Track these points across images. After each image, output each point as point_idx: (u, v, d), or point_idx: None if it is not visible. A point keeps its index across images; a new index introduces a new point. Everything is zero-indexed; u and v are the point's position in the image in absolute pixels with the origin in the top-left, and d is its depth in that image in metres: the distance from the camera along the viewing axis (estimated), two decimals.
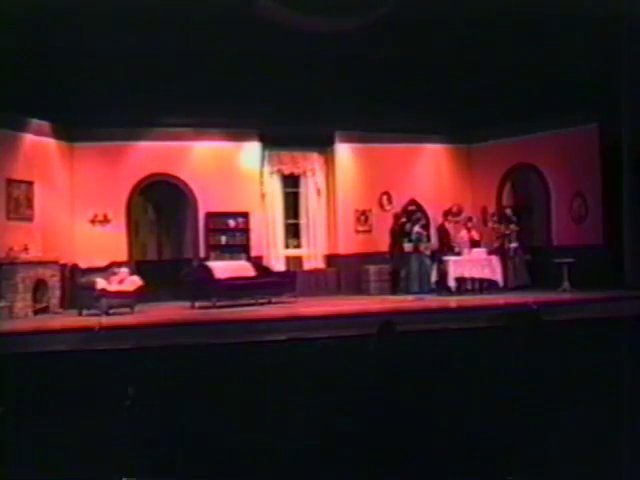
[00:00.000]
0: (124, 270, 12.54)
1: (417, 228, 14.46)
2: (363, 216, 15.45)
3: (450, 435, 4.22)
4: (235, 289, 12.49)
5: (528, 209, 15.53)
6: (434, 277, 13.82)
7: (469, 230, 14.64)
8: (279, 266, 14.90)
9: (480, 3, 9.55)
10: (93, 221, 13.94)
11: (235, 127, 14.57)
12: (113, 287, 12.05)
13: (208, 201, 14.52)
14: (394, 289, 14.38)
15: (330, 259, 15.42)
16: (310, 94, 11.83)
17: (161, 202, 14.98)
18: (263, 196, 15.09)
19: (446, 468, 4.12)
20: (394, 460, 4.15)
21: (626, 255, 12.40)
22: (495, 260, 13.98)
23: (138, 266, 13.64)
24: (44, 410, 4.44)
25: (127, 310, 11.91)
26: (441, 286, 13.66)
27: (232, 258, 14.22)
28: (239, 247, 14.70)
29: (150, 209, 15.06)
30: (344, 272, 15.11)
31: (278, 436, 4.21)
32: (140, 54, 10.34)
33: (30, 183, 12.73)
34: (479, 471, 4.14)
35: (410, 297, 13.32)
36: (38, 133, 13.04)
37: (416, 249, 14.30)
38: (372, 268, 14.78)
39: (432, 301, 12.59)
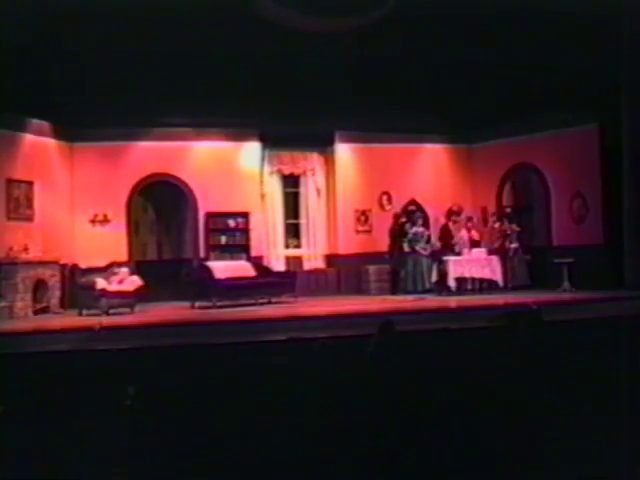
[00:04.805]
0: (124, 270, 12.54)
1: (415, 229, 14.46)
2: (363, 216, 15.46)
3: (450, 435, 4.22)
4: (235, 289, 12.50)
5: (528, 209, 15.54)
6: (434, 277, 13.84)
7: (469, 230, 14.65)
8: (279, 266, 14.91)
9: (480, 3, 9.55)
10: (93, 221, 13.95)
11: (235, 127, 14.58)
12: (113, 287, 12.05)
13: (208, 201, 14.53)
14: (394, 289, 14.38)
15: (330, 259, 15.43)
16: (310, 94, 11.83)
17: (161, 202, 14.98)
18: (263, 196, 15.10)
19: (446, 468, 4.12)
20: (394, 461, 4.15)
21: (626, 255, 12.39)
22: (495, 260, 13.99)
23: (138, 266, 13.65)
24: (44, 410, 4.44)
25: (127, 310, 11.91)
26: (441, 286, 13.67)
27: (232, 258, 14.23)
28: (239, 247, 14.71)
29: (150, 209, 15.07)
30: (344, 272, 15.11)
31: (278, 436, 4.21)
32: (140, 54, 10.33)
33: (30, 183, 12.74)
34: (479, 472, 4.14)
35: (410, 297, 13.32)
36: (38, 133, 13.05)
37: (414, 249, 14.31)
38: (372, 268, 14.79)
39: (432, 301, 12.59)
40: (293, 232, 15.63)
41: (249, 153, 14.96)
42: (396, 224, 14.71)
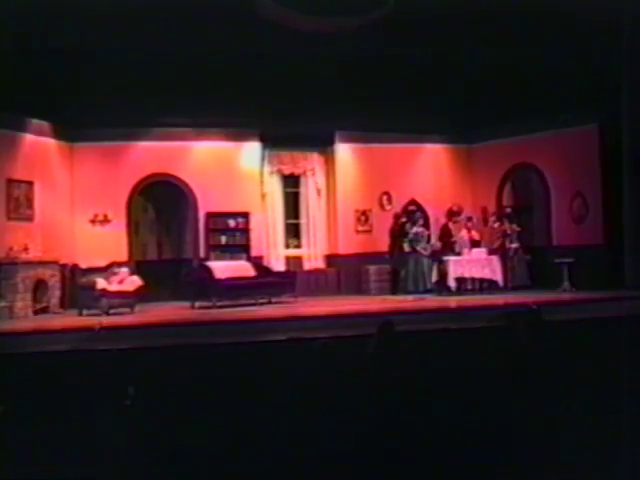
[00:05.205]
0: (124, 270, 12.54)
1: (415, 229, 14.46)
2: (363, 216, 15.46)
3: (450, 436, 4.22)
4: (235, 289, 12.50)
5: (528, 209, 15.54)
6: (434, 277, 13.83)
7: (469, 230, 14.65)
8: (279, 266, 14.90)
9: (480, 3, 9.55)
10: (93, 221, 13.95)
11: (235, 127, 14.58)
12: (113, 287, 12.05)
13: (208, 201, 14.53)
14: (394, 289, 14.38)
15: (330, 259, 15.43)
16: (310, 94, 11.83)
17: (161, 202, 14.98)
18: (263, 196, 15.10)
19: (446, 469, 4.12)
20: (394, 461, 4.15)
21: (626, 255, 12.41)
22: (495, 260, 13.98)
23: (138, 266, 13.65)
24: (44, 410, 4.44)
25: (127, 310, 11.91)
26: (441, 286, 13.67)
27: (232, 258, 14.23)
28: (239, 247, 14.71)
29: (150, 209, 15.07)
30: (344, 272, 15.11)
31: (277, 436, 4.21)
32: (140, 54, 10.33)
33: (30, 183, 12.74)
34: (479, 472, 4.14)
35: (410, 297, 13.32)
36: (38, 133, 13.05)
37: (415, 249, 14.32)
38: (372, 268, 14.79)
39: (432, 301, 12.59)
40: (293, 232, 15.63)
41: (249, 153, 14.96)
42: (396, 224, 14.72)
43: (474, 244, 14.45)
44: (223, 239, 14.70)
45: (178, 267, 14.23)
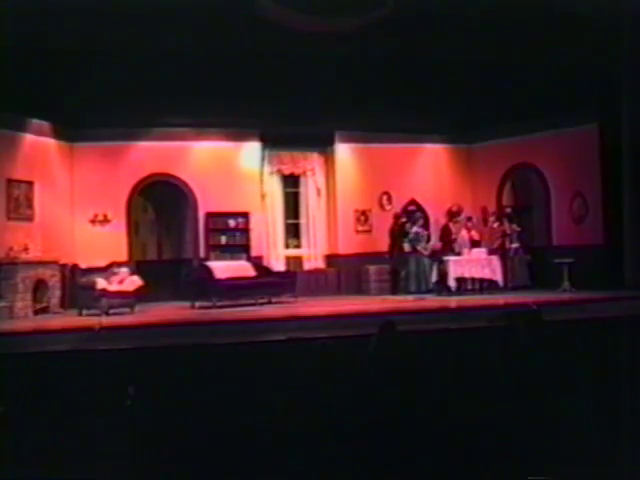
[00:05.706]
0: (124, 270, 12.54)
1: (415, 228, 14.47)
2: (363, 216, 15.46)
3: (450, 435, 4.22)
4: (235, 289, 12.50)
5: (528, 209, 15.54)
6: (434, 277, 13.83)
7: (469, 230, 14.65)
8: (279, 266, 14.91)
9: (480, 3, 9.55)
10: (93, 221, 13.95)
11: (235, 127, 14.58)
12: (113, 287, 12.05)
13: (208, 201, 14.53)
14: (394, 289, 14.38)
15: (330, 259, 15.43)
16: (310, 94, 11.82)
17: (161, 202, 14.98)
18: (263, 196, 15.10)
19: (447, 469, 4.12)
20: (394, 461, 4.15)
21: (626, 255, 12.41)
22: (495, 260, 13.98)
23: (138, 266, 13.64)
24: (44, 410, 4.44)
25: (127, 310, 11.91)
26: (441, 286, 13.67)
27: (232, 258, 14.23)
28: (239, 247, 14.71)
29: (150, 209, 15.07)
30: (344, 272, 15.11)
31: (278, 436, 4.21)
32: (140, 54, 10.33)
33: (30, 183, 12.74)
34: (480, 471, 4.14)
35: (410, 297, 13.32)
36: (38, 133, 13.05)
37: (415, 249, 14.32)
38: (372, 268, 14.79)
39: (432, 301, 12.59)
40: (293, 232, 15.63)
41: (249, 153, 14.96)
42: (396, 224, 14.71)
43: (474, 244, 14.45)
44: (223, 239, 14.71)
45: (178, 267, 14.22)
